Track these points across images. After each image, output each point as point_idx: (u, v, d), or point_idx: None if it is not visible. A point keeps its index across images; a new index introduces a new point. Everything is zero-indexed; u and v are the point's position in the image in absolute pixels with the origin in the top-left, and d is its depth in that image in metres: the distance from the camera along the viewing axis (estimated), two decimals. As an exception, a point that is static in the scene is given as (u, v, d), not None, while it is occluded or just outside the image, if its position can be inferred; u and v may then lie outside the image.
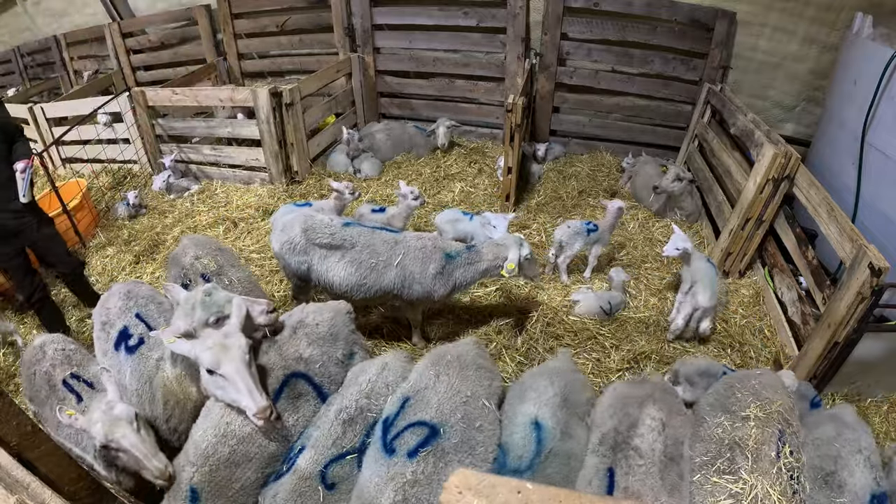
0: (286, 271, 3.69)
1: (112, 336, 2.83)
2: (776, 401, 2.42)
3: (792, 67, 5.79)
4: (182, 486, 2.21)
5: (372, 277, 3.41)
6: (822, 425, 2.54)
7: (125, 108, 6.22)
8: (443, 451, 2.17)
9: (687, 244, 3.79)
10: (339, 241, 3.43)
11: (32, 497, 1.84)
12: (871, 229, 4.15)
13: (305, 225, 3.50)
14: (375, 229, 3.54)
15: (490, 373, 2.62)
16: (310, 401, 2.55)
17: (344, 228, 3.48)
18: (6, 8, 9.86)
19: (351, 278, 3.41)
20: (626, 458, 2.26)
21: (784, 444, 2.26)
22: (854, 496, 2.22)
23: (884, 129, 4.13)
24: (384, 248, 3.41)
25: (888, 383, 3.48)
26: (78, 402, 2.67)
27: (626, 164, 6.19)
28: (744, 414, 2.36)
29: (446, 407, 2.30)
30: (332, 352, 2.72)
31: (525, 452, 2.27)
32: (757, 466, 2.17)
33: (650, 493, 2.16)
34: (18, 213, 3.71)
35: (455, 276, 3.48)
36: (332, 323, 2.80)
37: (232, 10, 7.72)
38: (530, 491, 1.21)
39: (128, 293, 3.00)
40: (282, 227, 3.59)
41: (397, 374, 2.57)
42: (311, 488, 2.18)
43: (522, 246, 3.44)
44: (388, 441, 2.21)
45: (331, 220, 3.56)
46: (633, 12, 5.98)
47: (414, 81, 7.31)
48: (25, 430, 2.02)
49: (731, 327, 4.00)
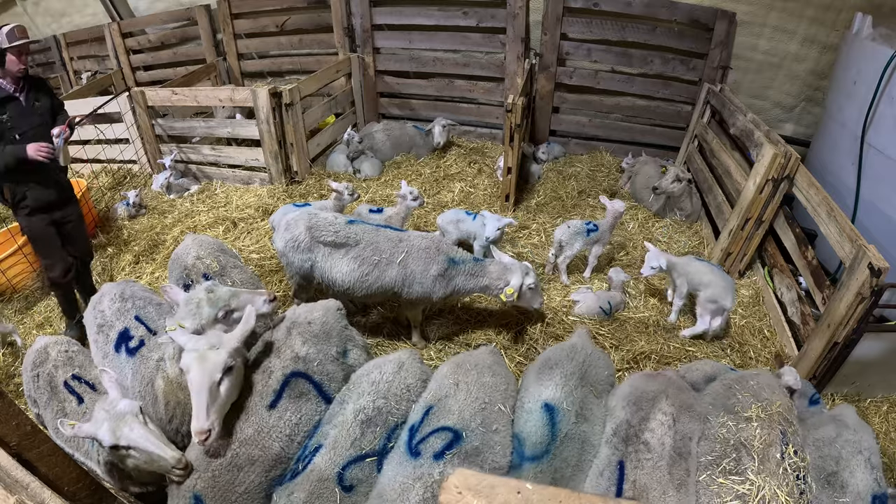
0: (289, 269, 3.69)
1: (112, 338, 2.83)
2: (776, 401, 2.43)
3: (792, 67, 5.80)
4: (185, 494, 2.20)
5: (374, 274, 3.43)
6: (823, 426, 2.54)
7: (125, 108, 6.22)
8: (466, 454, 2.23)
9: (661, 261, 3.80)
10: (343, 238, 3.45)
11: (32, 497, 1.84)
12: (870, 229, 4.15)
13: (310, 223, 3.50)
14: (380, 227, 3.55)
15: (505, 379, 2.66)
16: (311, 399, 2.54)
17: (348, 226, 3.50)
18: (6, 8, 9.85)
19: (353, 274, 3.43)
20: (636, 452, 2.30)
21: (788, 445, 2.27)
22: (856, 496, 2.23)
23: (883, 129, 4.14)
24: (387, 246, 3.43)
25: (888, 383, 3.48)
26: (79, 403, 2.66)
27: (626, 164, 6.19)
28: (746, 415, 2.37)
29: (466, 413, 2.36)
30: (328, 349, 2.73)
31: (540, 439, 2.31)
32: (764, 467, 2.18)
33: (657, 486, 2.19)
34: (66, 186, 3.98)
35: (455, 282, 3.49)
36: (323, 320, 2.81)
37: (232, 10, 7.72)
38: (530, 491, 1.21)
39: (122, 294, 2.99)
40: (286, 226, 3.58)
41: (416, 377, 2.59)
42: (329, 490, 2.17)
43: (528, 275, 3.44)
44: (413, 445, 2.26)
45: (335, 217, 3.57)
46: (632, 12, 5.98)
47: (414, 82, 7.31)
48: (25, 430, 2.02)
49: (731, 328, 3.99)
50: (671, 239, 5.11)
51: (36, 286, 4.87)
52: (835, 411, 2.65)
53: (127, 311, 2.90)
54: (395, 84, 7.39)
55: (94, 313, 2.97)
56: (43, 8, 9.46)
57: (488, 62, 6.84)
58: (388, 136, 6.68)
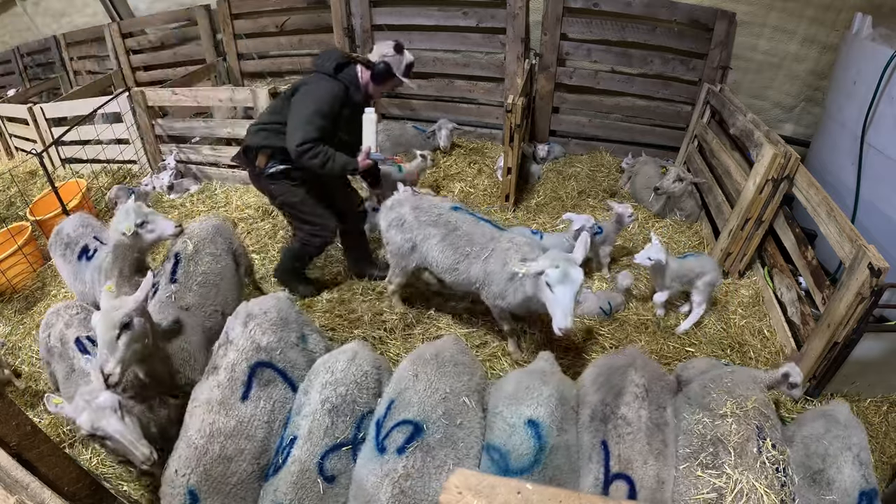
0: (389, 249, 3.80)
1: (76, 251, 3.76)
2: (751, 396, 2.46)
3: (791, 68, 5.80)
4: (179, 491, 2.23)
5: (464, 264, 3.46)
6: (812, 422, 2.54)
7: (125, 108, 6.22)
8: (428, 446, 2.25)
9: (661, 256, 3.79)
10: (444, 221, 3.53)
11: (32, 497, 1.84)
12: (870, 229, 4.15)
13: (415, 203, 3.64)
14: (481, 220, 3.57)
15: (469, 369, 2.65)
16: (278, 386, 2.63)
17: (451, 211, 3.58)
18: (6, 8, 9.86)
19: (447, 260, 3.49)
20: (615, 428, 2.36)
21: (765, 439, 2.30)
22: (843, 493, 2.23)
23: (883, 129, 4.14)
24: (481, 241, 3.43)
25: (888, 383, 3.48)
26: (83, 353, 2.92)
27: (626, 164, 6.19)
28: (721, 412, 2.40)
29: (427, 404, 2.37)
30: (287, 336, 2.80)
31: (526, 451, 2.29)
32: (741, 461, 2.21)
33: (639, 457, 2.27)
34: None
35: (525, 288, 3.17)
36: (278, 308, 2.87)
37: (231, 11, 7.71)
38: (530, 491, 1.22)
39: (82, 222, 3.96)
40: (391, 205, 3.74)
41: (370, 363, 2.65)
42: (311, 480, 2.23)
43: (560, 268, 2.86)
44: (379, 441, 2.30)
45: (441, 200, 3.75)
46: (632, 12, 5.98)
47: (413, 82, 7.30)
48: (25, 430, 2.02)
49: (731, 328, 4.00)
50: (671, 239, 5.11)
51: (36, 286, 4.87)
52: (826, 407, 2.66)
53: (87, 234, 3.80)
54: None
55: (59, 238, 3.83)
56: (43, 8, 9.46)
57: (488, 62, 6.84)
58: (387, 137, 6.67)
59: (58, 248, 3.81)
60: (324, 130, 3.52)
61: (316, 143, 3.49)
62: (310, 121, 3.48)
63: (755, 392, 2.50)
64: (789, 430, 2.60)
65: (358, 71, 3.72)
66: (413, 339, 3.88)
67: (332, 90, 3.59)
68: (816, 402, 3.41)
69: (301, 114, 3.50)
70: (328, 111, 3.55)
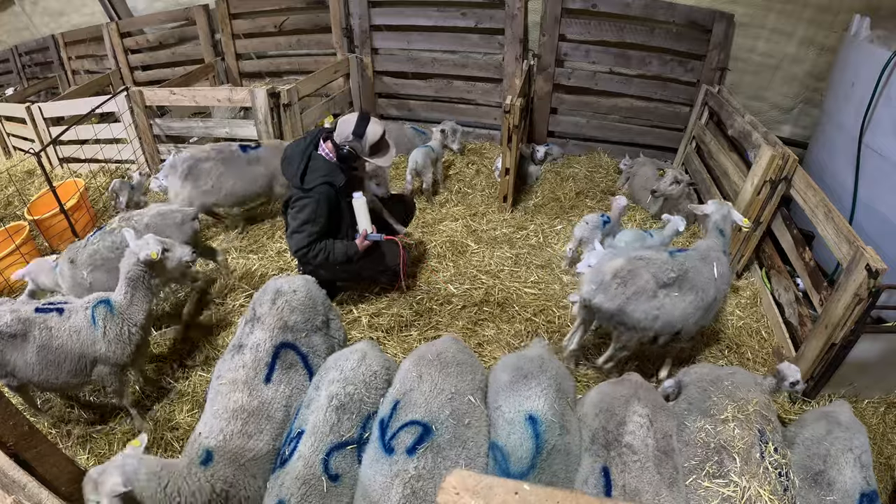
0: (621, 329, 3.17)
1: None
2: (752, 399, 2.45)
3: (790, 69, 5.81)
4: (198, 448, 2.30)
5: (699, 299, 3.14)
6: (813, 423, 2.54)
7: (123, 107, 6.20)
8: (438, 447, 2.24)
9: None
10: (680, 271, 3.11)
11: (29, 497, 1.83)
12: (868, 231, 4.16)
13: (649, 266, 3.08)
14: (673, 251, 3.29)
15: (471, 367, 2.66)
16: (299, 371, 2.69)
17: (672, 258, 3.17)
18: (4, 7, 9.84)
19: (690, 307, 3.12)
20: (619, 456, 2.28)
21: (767, 443, 2.28)
22: (844, 494, 2.23)
23: (881, 130, 4.14)
24: (697, 265, 3.21)
25: (885, 384, 3.49)
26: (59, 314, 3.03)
27: (624, 165, 6.20)
28: (722, 417, 2.38)
29: (434, 405, 2.37)
30: (314, 318, 2.84)
31: (524, 453, 2.27)
32: (746, 468, 2.18)
33: (649, 488, 2.17)
34: None
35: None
36: (307, 289, 2.90)
37: (230, 11, 7.71)
38: (528, 492, 1.21)
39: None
40: (621, 280, 3.04)
41: (379, 364, 2.65)
42: (316, 477, 2.23)
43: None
44: (386, 441, 2.29)
45: (656, 251, 3.23)
46: (630, 14, 5.99)
47: (412, 82, 7.31)
48: (22, 430, 2.02)
49: (729, 329, 4.00)
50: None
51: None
52: (828, 407, 2.65)
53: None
54: (393, 85, 7.39)
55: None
56: (41, 7, 9.44)
57: (487, 63, 6.84)
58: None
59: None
60: (316, 234, 3.72)
61: (310, 246, 3.72)
62: (299, 230, 3.71)
63: (756, 394, 2.49)
64: (790, 430, 2.60)
65: (326, 152, 3.74)
66: (410, 340, 3.88)
67: (317, 201, 3.66)
68: (814, 404, 3.42)
69: (292, 226, 3.77)
70: (321, 215, 3.70)
